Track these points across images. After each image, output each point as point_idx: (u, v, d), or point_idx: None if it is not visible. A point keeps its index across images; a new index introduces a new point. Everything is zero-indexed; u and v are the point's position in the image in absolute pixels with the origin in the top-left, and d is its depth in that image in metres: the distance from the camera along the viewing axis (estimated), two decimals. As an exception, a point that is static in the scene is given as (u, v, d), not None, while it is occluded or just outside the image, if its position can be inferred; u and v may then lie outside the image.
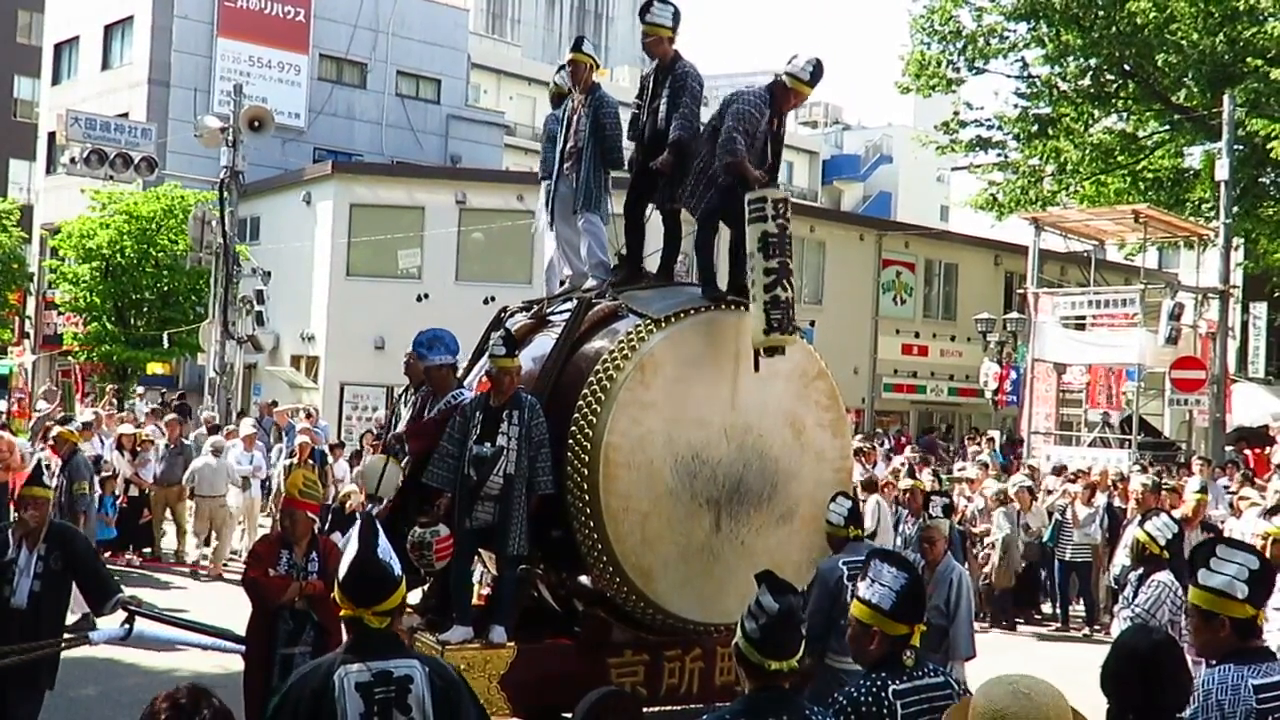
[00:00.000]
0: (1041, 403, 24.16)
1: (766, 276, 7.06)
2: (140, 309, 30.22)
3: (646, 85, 7.92)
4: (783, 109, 7.67)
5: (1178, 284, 23.40)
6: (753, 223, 7.14)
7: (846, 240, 33.19)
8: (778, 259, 7.07)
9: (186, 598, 13.41)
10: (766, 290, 7.05)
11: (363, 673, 3.78)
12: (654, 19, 7.76)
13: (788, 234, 7.16)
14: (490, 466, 7.03)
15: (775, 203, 7.13)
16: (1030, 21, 29.45)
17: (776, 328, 7.06)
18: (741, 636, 3.77)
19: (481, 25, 53.37)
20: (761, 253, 7.08)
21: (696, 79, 7.79)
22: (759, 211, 7.12)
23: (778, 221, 7.09)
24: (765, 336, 7.11)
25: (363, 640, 3.86)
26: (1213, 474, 17.15)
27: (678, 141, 7.57)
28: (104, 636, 6.58)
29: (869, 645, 4.06)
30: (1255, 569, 4.02)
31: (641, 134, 7.87)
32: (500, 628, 7.10)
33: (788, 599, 3.81)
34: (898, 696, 3.93)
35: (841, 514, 7.19)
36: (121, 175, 22.74)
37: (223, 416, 21.40)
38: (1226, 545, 4.13)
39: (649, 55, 7.93)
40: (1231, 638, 4.01)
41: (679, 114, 7.60)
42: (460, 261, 28.58)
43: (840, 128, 67.46)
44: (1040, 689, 3.05)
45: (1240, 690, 3.91)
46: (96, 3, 37.36)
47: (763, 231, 7.09)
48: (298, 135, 35.87)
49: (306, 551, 6.73)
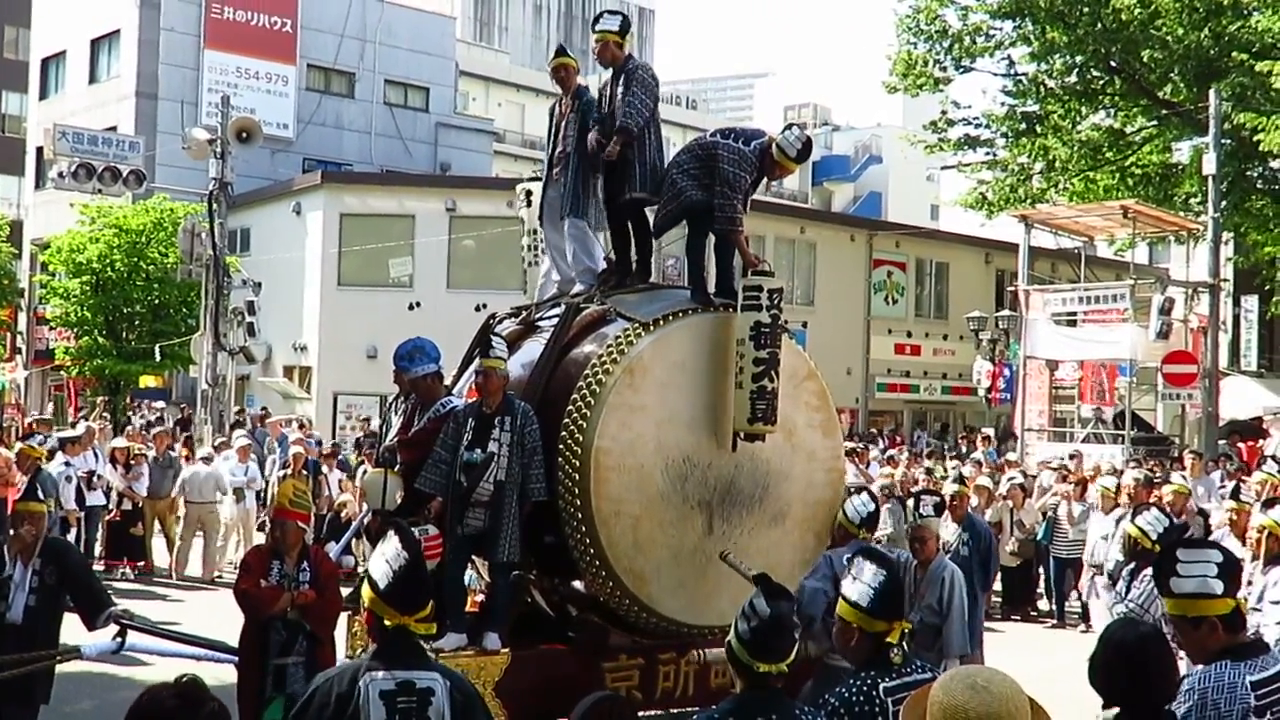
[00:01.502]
0: (1034, 400, 24.21)
1: (755, 366, 7.09)
2: (131, 322, 30.20)
3: (604, 93, 7.98)
4: (770, 177, 7.82)
5: (1168, 279, 23.49)
6: (746, 310, 7.18)
7: (837, 241, 33.27)
8: (768, 350, 7.11)
9: (179, 610, 13.38)
10: (754, 380, 7.09)
11: (387, 681, 3.83)
12: (604, 26, 7.95)
13: (780, 323, 7.20)
14: (481, 472, 7.01)
15: (770, 293, 7.16)
16: (1016, 19, 29.53)
17: (760, 418, 7.12)
18: (734, 636, 3.80)
19: (469, 33, 53.45)
20: (753, 342, 7.11)
21: (648, 71, 7.92)
22: (754, 300, 7.16)
23: (771, 312, 7.13)
24: (749, 425, 7.16)
25: (390, 649, 3.91)
26: (1205, 467, 17.18)
27: (624, 129, 7.61)
28: (97, 650, 6.58)
29: (850, 641, 4.10)
30: (1221, 561, 4.03)
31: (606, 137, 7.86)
32: (494, 634, 7.08)
33: (780, 605, 3.83)
34: (888, 694, 3.94)
35: (860, 513, 7.27)
36: (110, 189, 22.71)
37: (216, 428, 21.38)
38: (1185, 548, 4.13)
39: (602, 63, 8.03)
40: (1223, 636, 4.01)
41: (626, 102, 7.67)
42: (451, 269, 28.62)
43: (829, 128, 67.64)
44: (998, 681, 3.05)
45: (1237, 688, 3.91)
46: (83, 17, 37.37)
47: (756, 321, 7.12)
48: (286, 146, 35.90)
49: (298, 561, 6.73)
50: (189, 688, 3.15)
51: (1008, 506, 15.28)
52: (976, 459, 18.84)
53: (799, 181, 60.28)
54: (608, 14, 8.01)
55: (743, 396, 7.14)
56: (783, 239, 31.60)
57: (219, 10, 36.00)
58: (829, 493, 7.77)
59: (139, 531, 15.72)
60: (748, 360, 7.13)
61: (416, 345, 7.78)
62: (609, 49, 7.92)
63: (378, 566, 3.94)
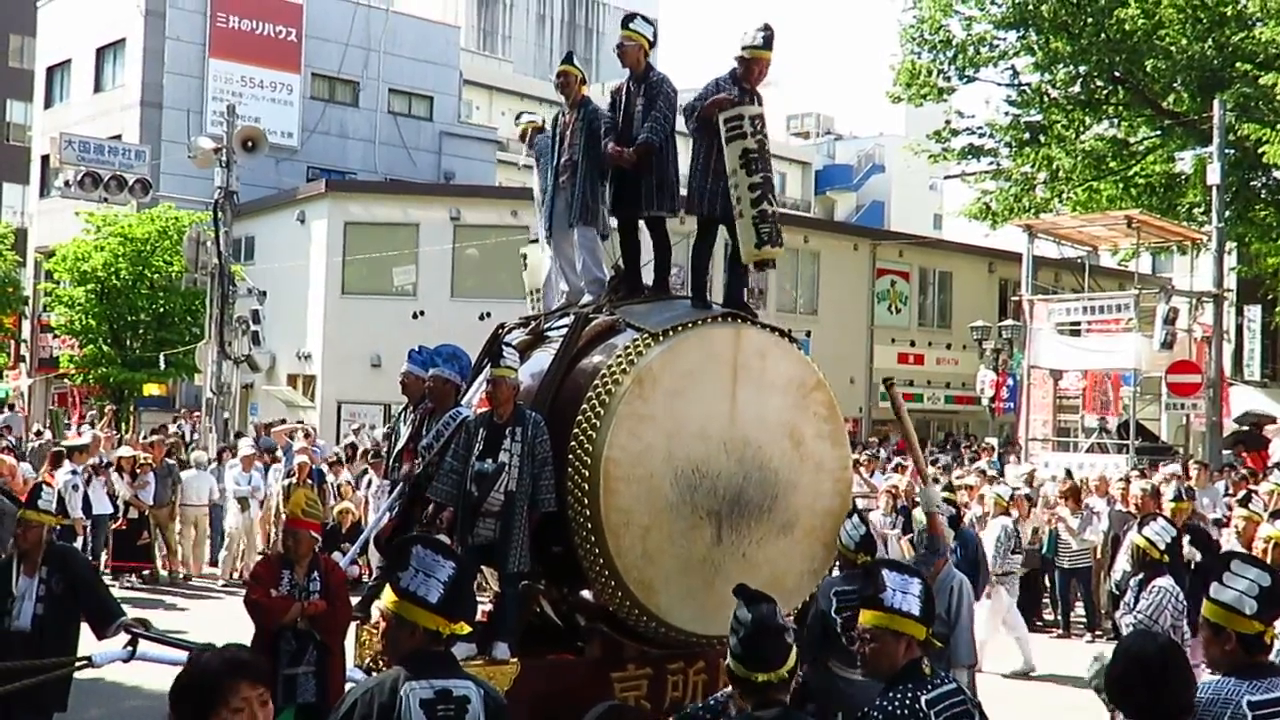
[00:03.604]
0: (1038, 409, 24.18)
1: (752, 192, 7.18)
2: (136, 331, 30.22)
3: (619, 97, 7.96)
4: (750, 82, 7.71)
5: (1172, 288, 23.42)
6: (731, 140, 7.24)
7: (841, 250, 33.27)
8: (760, 174, 7.20)
9: (186, 618, 13.40)
10: (754, 205, 7.18)
11: (426, 690, 3.90)
12: (636, 28, 7.93)
13: (767, 150, 7.30)
14: (491, 483, 7.02)
15: (752, 119, 7.25)
16: (1019, 30, 29.55)
17: (767, 241, 7.22)
18: (729, 655, 3.82)
19: (472, 42, 53.48)
20: (744, 169, 7.19)
21: (671, 87, 7.89)
22: (737, 128, 7.23)
23: (756, 138, 7.22)
24: (757, 250, 7.25)
25: (425, 659, 3.96)
26: (1210, 477, 17.16)
27: (645, 143, 7.63)
28: (107, 658, 6.58)
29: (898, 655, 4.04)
30: (1266, 585, 4.04)
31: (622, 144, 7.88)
32: (503, 644, 7.08)
33: (760, 608, 3.85)
34: (930, 705, 3.93)
35: (854, 537, 7.19)
36: (116, 197, 22.78)
37: (220, 437, 21.40)
38: (1240, 560, 4.16)
39: (623, 63, 7.99)
40: (1238, 652, 4.03)
41: (651, 117, 7.68)
42: (455, 277, 28.64)
43: (832, 138, 67.56)
44: None
45: (1233, 706, 3.92)
46: (88, 26, 37.43)
47: (743, 149, 7.21)
48: (291, 154, 35.93)
49: (308, 571, 6.73)
50: (233, 650, 3.35)
51: (1013, 517, 15.24)
52: (981, 468, 18.81)
53: (801, 190, 60.28)
54: (642, 19, 7.98)
55: (746, 225, 7.22)
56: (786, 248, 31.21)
57: (224, 19, 36.05)
58: (837, 503, 7.76)
59: (146, 540, 15.78)
60: (743, 189, 7.20)
61: (455, 352, 7.86)
62: (637, 52, 7.89)
63: (415, 580, 3.96)
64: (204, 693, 3.22)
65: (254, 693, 3.26)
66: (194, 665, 3.31)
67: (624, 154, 7.65)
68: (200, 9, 35.82)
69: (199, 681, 3.25)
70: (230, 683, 3.23)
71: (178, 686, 3.28)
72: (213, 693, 3.21)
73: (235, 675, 3.25)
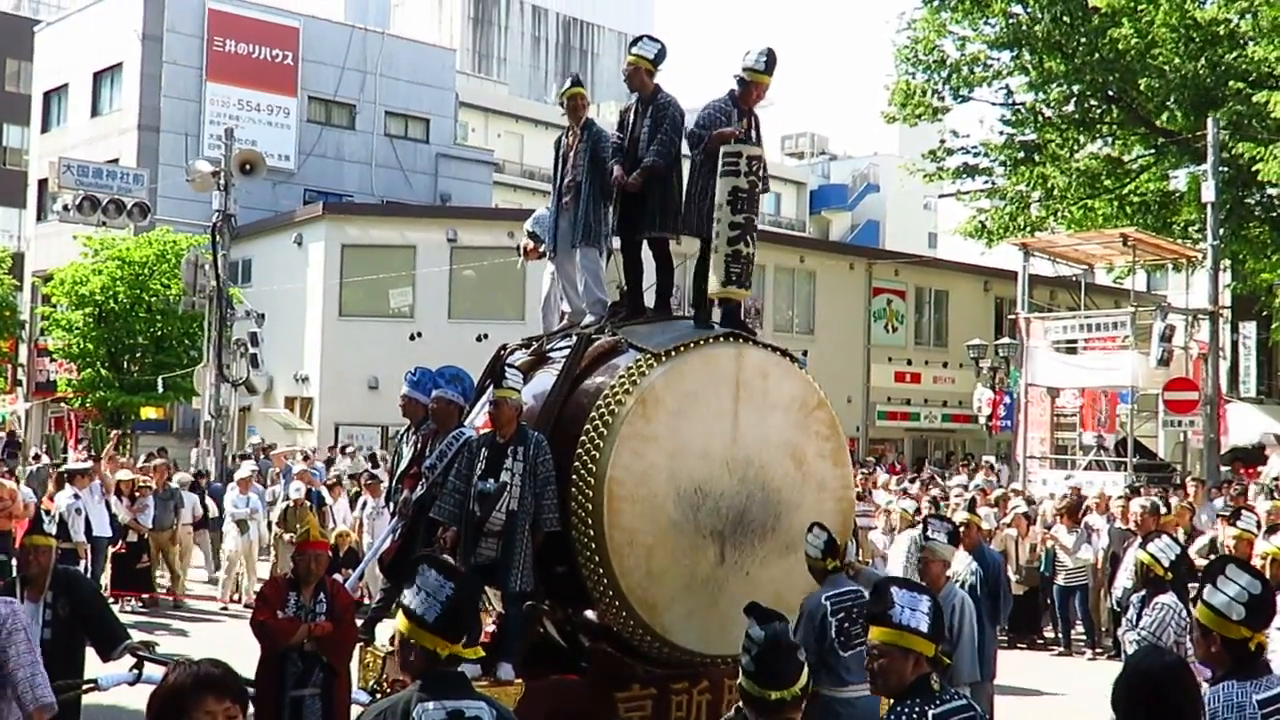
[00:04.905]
0: (1036, 427, 24.23)
1: (731, 230, 7.30)
2: (134, 354, 30.24)
3: (627, 118, 8.02)
4: (748, 104, 7.80)
5: (1167, 306, 23.51)
6: (725, 175, 7.34)
7: (836, 270, 33.38)
8: (744, 215, 7.30)
9: (188, 642, 13.37)
10: (730, 244, 7.30)
11: (438, 711, 3.87)
12: (640, 50, 7.98)
13: (758, 192, 7.39)
14: (493, 502, 7.03)
15: (750, 159, 7.35)
16: (1013, 49, 29.74)
17: (735, 281, 7.34)
18: (742, 675, 3.82)
19: (467, 64, 53.66)
20: (730, 205, 7.30)
21: (678, 109, 7.92)
22: (733, 166, 7.33)
23: (749, 178, 7.31)
24: (722, 288, 7.40)
25: (437, 680, 3.95)
26: (1208, 494, 17.18)
27: (651, 166, 7.69)
28: (113, 681, 6.58)
29: (906, 671, 4.00)
30: (1256, 594, 4.08)
31: (624, 165, 7.94)
32: (507, 664, 7.08)
33: (773, 626, 3.86)
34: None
35: (818, 546, 7.11)
36: (114, 221, 22.83)
37: (219, 460, 21.39)
38: (1235, 566, 4.20)
39: (630, 86, 8.07)
40: (1223, 655, 4.10)
41: (657, 140, 7.74)
42: (452, 299, 28.68)
43: (827, 158, 67.71)
44: None
45: (1245, 708, 3.96)
46: (85, 50, 37.55)
47: (733, 186, 7.31)
48: (288, 177, 36.01)
49: (314, 593, 6.74)
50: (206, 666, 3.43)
51: (1013, 536, 15.29)
52: (980, 485, 18.84)
53: (796, 210, 60.45)
54: (647, 39, 8.07)
55: (719, 261, 7.34)
56: (782, 268, 31.72)
57: (220, 44, 36.19)
58: (839, 522, 7.78)
59: (145, 564, 15.77)
60: (724, 225, 7.31)
61: (457, 374, 7.89)
62: (640, 75, 7.94)
63: (417, 599, 3.96)
64: (172, 707, 3.34)
65: (219, 707, 3.34)
66: (166, 681, 3.41)
67: (628, 181, 7.71)
68: (197, 33, 35.95)
69: (168, 695, 3.36)
70: (196, 698, 3.33)
71: (151, 701, 3.40)
72: (180, 707, 3.32)
73: (202, 690, 3.34)
